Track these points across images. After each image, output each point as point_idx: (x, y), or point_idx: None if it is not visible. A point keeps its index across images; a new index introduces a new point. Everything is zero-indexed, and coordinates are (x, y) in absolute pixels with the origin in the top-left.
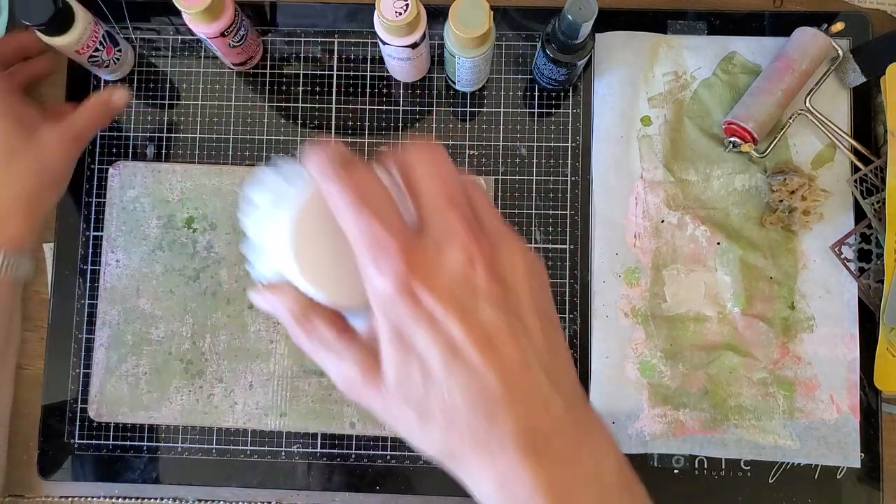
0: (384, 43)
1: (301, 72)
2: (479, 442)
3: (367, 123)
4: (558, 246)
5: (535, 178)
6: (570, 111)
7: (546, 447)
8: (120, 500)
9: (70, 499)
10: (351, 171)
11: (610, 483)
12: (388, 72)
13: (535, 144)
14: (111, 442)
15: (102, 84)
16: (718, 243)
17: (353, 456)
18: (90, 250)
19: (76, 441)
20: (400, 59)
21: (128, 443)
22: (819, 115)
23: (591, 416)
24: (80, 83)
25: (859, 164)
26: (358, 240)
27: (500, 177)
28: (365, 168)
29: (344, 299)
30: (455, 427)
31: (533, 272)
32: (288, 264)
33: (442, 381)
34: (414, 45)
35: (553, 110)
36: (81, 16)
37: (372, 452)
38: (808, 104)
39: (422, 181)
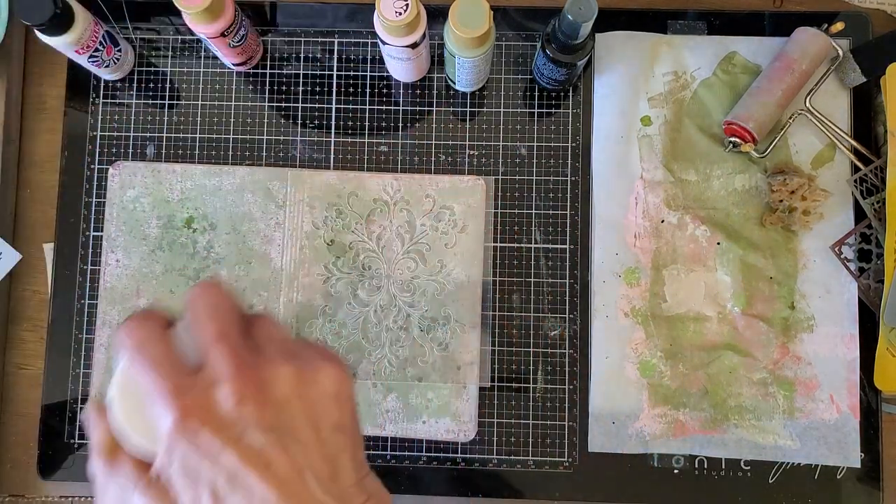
0: (384, 43)
1: (301, 72)
2: None
3: (367, 123)
4: (558, 246)
5: (535, 178)
6: (570, 111)
7: None
8: None
9: (70, 499)
10: (136, 330)
11: None
12: (388, 72)
13: (535, 144)
14: None
15: (102, 84)
16: (718, 243)
17: None
18: (90, 250)
19: (76, 441)
20: (400, 59)
21: None
22: (819, 115)
23: None
24: (80, 83)
25: (859, 164)
26: (144, 390)
27: (500, 177)
28: (150, 325)
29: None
30: None
31: (310, 386)
32: (113, 410)
33: (228, 502)
34: (414, 45)
35: (553, 110)
36: (81, 16)
37: (372, 452)
38: (808, 104)
39: (197, 322)
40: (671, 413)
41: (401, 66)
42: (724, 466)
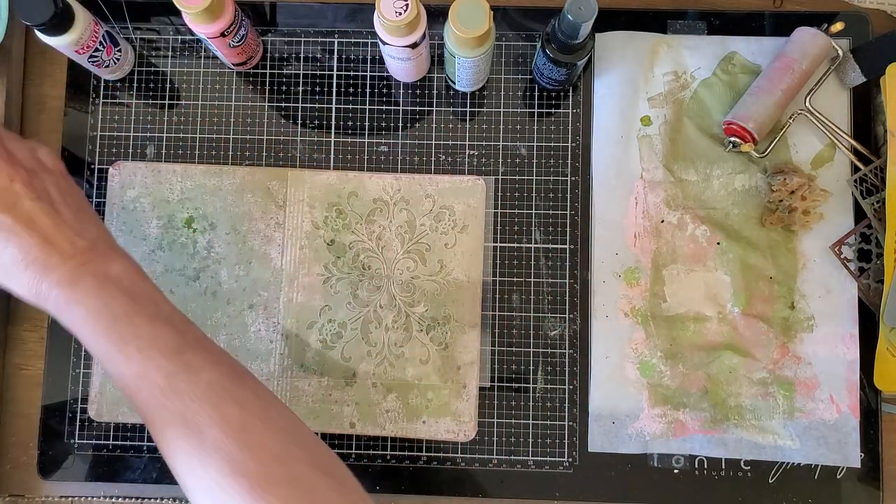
0: (384, 43)
1: (301, 72)
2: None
3: (367, 123)
4: (558, 246)
5: (535, 178)
6: (570, 111)
7: (68, 268)
8: (120, 500)
9: (70, 499)
10: None
11: (129, 287)
12: (388, 72)
13: (535, 144)
14: (111, 442)
15: (102, 84)
16: (718, 243)
17: (353, 456)
18: None
19: (76, 441)
20: (400, 59)
21: (128, 443)
22: (819, 115)
23: (114, 253)
24: (80, 83)
25: (859, 164)
26: None
27: (500, 177)
28: None
29: None
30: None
31: (51, 170)
32: None
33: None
34: (414, 45)
35: (553, 110)
36: (81, 16)
37: (372, 452)
38: (808, 104)
39: None
40: (671, 413)
41: (401, 66)
42: (724, 466)
